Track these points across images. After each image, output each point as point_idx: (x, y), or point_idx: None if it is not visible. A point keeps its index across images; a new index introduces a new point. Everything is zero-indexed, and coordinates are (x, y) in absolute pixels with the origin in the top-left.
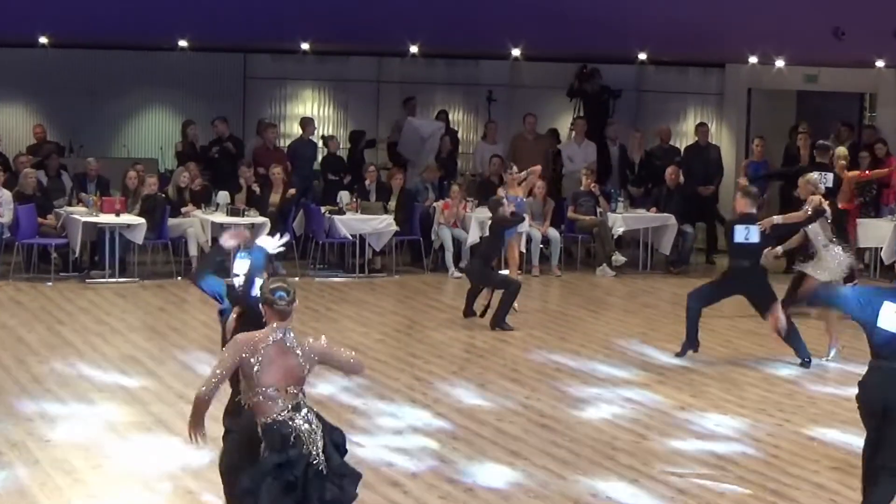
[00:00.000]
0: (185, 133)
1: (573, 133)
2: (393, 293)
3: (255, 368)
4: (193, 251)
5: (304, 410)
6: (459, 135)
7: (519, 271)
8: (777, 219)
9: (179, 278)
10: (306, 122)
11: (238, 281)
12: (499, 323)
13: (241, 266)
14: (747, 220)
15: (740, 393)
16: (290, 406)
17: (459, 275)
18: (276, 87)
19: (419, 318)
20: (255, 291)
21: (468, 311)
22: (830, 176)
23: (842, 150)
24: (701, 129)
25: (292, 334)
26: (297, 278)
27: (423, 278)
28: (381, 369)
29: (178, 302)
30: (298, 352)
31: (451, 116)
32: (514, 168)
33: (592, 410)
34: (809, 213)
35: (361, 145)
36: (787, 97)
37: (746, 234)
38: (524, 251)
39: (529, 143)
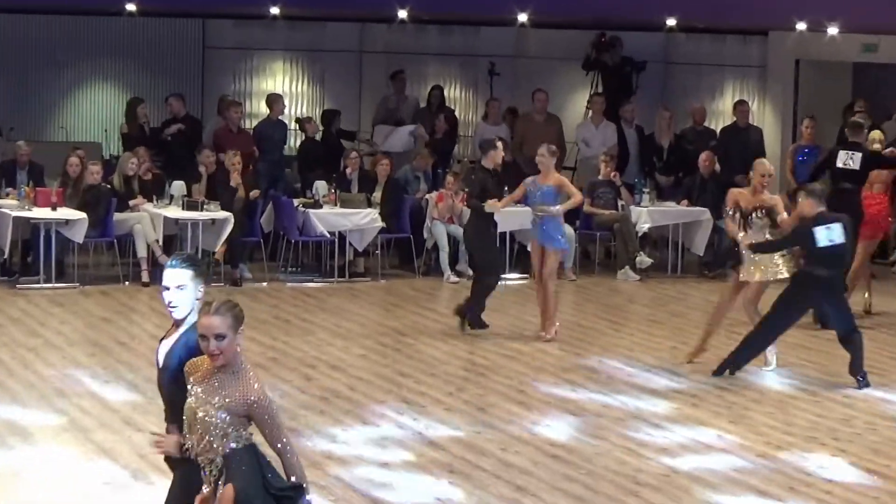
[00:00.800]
0: (134, 113)
1: (590, 113)
2: (378, 300)
3: None
4: (142, 251)
5: None
6: (456, 114)
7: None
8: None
9: (127, 283)
10: (274, 100)
11: None
12: (470, 316)
13: None
14: (825, 219)
15: (787, 418)
16: None
17: (456, 279)
18: (240, 58)
19: (409, 331)
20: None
21: (474, 321)
22: (858, 156)
23: (876, 133)
24: (740, 107)
25: None
26: (265, 283)
27: (413, 283)
28: (365, 390)
29: (125, 311)
30: None
31: (446, 93)
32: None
33: (613, 438)
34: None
35: (335, 127)
36: (842, 70)
37: (829, 235)
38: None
39: (538, 124)
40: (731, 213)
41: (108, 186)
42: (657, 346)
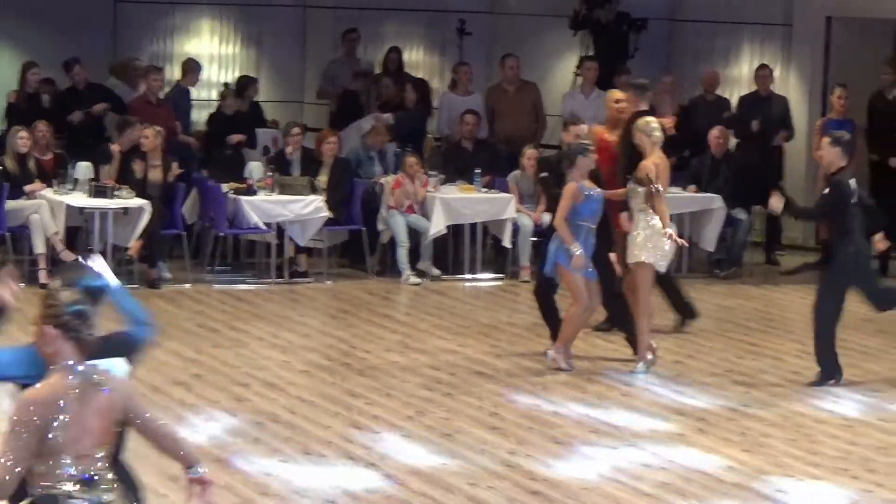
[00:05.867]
0: (24, 79)
1: (579, 80)
2: (324, 306)
3: (54, 434)
4: (40, 248)
5: (101, 491)
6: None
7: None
8: None
9: (22, 286)
10: (194, 67)
11: None
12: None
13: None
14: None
15: (813, 446)
16: (80, 477)
17: (417, 280)
18: (158, 14)
19: (360, 342)
20: None
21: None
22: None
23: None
24: (761, 73)
25: (94, 367)
26: (188, 285)
27: (366, 285)
28: (307, 413)
29: (20, 320)
30: (108, 390)
31: (406, 56)
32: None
33: (605, 471)
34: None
35: (248, 98)
36: (882, 29)
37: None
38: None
39: (510, 96)
40: None
41: (0, 168)
42: (659, 360)
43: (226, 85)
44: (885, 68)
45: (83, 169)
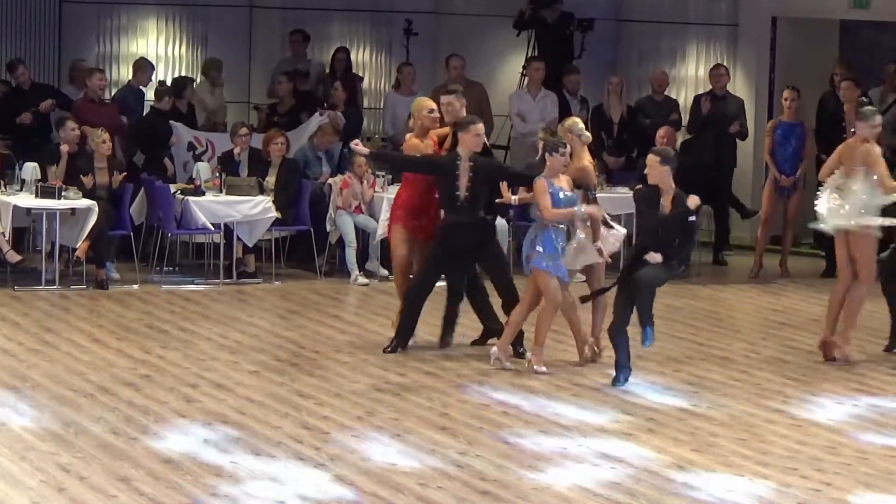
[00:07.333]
0: None
1: (526, 80)
2: (272, 306)
3: None
4: None
5: None
6: (366, 83)
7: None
8: None
9: None
10: (143, 67)
11: None
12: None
13: None
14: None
15: (762, 446)
16: None
17: (365, 281)
18: (104, 15)
19: (309, 342)
20: None
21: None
22: None
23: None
24: (715, 72)
25: None
26: (136, 285)
27: (314, 285)
28: (256, 413)
29: None
30: None
31: (354, 56)
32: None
33: (554, 471)
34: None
35: (185, 99)
36: (828, 29)
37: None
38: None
39: None
40: None
41: None
42: (608, 360)
43: (161, 83)
44: (835, 68)
45: (30, 169)
